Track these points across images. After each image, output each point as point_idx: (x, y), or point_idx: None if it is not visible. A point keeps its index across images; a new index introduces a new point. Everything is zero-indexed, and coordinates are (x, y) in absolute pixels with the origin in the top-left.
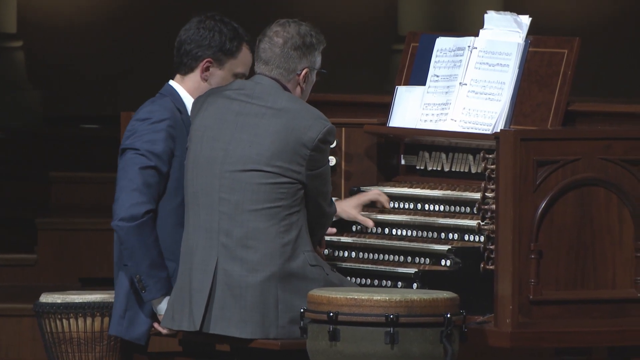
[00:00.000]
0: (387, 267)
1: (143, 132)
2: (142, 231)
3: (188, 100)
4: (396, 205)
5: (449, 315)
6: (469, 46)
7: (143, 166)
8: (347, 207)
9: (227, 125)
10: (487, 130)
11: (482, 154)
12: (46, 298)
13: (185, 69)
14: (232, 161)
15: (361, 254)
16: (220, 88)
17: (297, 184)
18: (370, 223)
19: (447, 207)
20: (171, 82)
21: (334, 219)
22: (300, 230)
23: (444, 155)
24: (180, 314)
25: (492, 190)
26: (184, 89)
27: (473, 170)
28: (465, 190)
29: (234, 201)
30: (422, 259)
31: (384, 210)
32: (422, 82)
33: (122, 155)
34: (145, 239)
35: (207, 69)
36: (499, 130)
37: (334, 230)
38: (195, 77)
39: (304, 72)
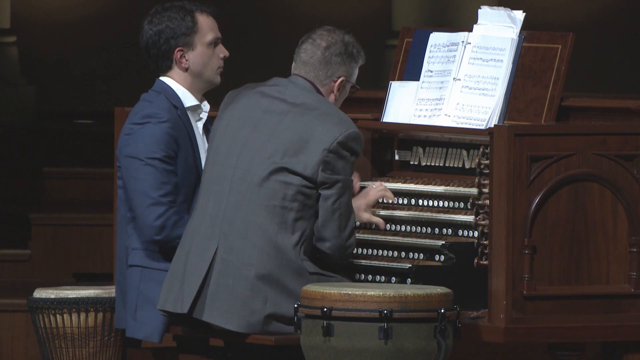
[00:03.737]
0: (381, 263)
1: (144, 137)
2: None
3: (182, 93)
4: (390, 201)
5: (442, 311)
6: (462, 41)
7: (156, 177)
8: (358, 212)
9: (252, 120)
10: (481, 125)
11: (481, 150)
12: (40, 293)
13: (164, 68)
14: (249, 154)
15: (355, 249)
16: (256, 84)
17: (307, 188)
18: (382, 224)
19: (441, 203)
20: (162, 78)
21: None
22: (302, 237)
23: (437, 151)
24: (167, 294)
25: (486, 186)
26: (176, 82)
27: (467, 166)
28: (459, 186)
29: (242, 192)
30: (416, 254)
31: (379, 205)
32: (416, 77)
33: (128, 163)
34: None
35: (181, 57)
36: (492, 126)
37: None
38: (176, 70)
39: (340, 79)
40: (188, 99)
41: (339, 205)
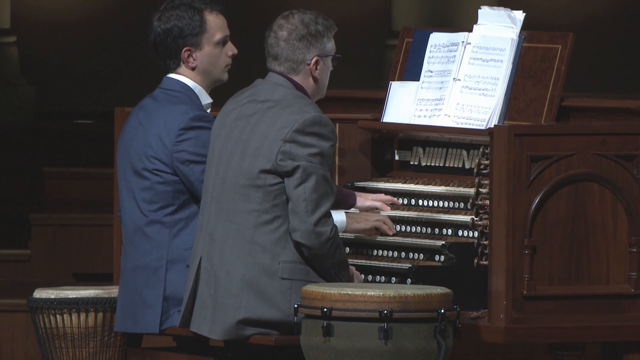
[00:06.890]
0: (381, 263)
1: (205, 141)
2: None
3: (199, 92)
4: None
5: (442, 311)
6: (462, 42)
7: None
8: (363, 202)
9: (226, 129)
10: (481, 125)
11: (481, 150)
12: (40, 293)
13: (173, 65)
14: (223, 163)
15: (355, 249)
16: (242, 90)
17: (275, 185)
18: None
19: (441, 203)
20: (174, 76)
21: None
22: (280, 238)
23: (437, 151)
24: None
25: (486, 186)
26: (191, 80)
27: (467, 166)
28: (459, 186)
29: (221, 201)
30: (416, 254)
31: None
32: (416, 77)
33: (194, 167)
34: None
35: (189, 57)
36: (492, 126)
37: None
38: (185, 68)
39: (313, 60)
40: (204, 97)
41: (303, 191)
